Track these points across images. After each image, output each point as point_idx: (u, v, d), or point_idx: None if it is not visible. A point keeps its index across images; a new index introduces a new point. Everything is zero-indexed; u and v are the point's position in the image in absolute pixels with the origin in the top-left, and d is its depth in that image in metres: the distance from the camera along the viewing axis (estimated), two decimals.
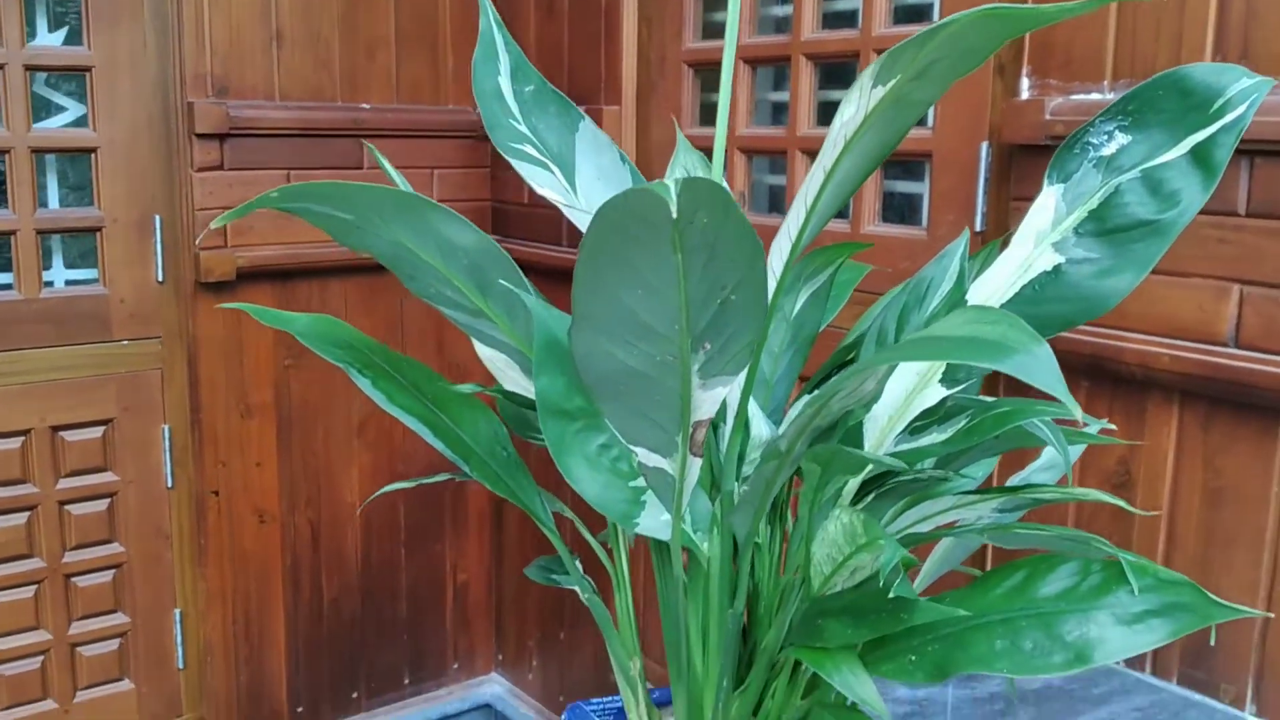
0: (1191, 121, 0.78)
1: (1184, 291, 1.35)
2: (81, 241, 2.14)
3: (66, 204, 2.11)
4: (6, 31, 1.95)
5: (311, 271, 2.28)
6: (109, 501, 2.16)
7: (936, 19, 1.68)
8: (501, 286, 0.72)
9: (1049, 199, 0.75)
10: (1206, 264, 1.34)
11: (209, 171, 2.11)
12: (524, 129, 0.98)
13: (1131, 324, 1.39)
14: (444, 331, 2.49)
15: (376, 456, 2.45)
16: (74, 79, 2.09)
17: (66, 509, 2.12)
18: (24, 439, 2.06)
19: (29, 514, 2.08)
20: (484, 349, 0.80)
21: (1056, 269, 0.67)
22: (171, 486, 2.22)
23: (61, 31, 2.08)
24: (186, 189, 2.11)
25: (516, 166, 1.00)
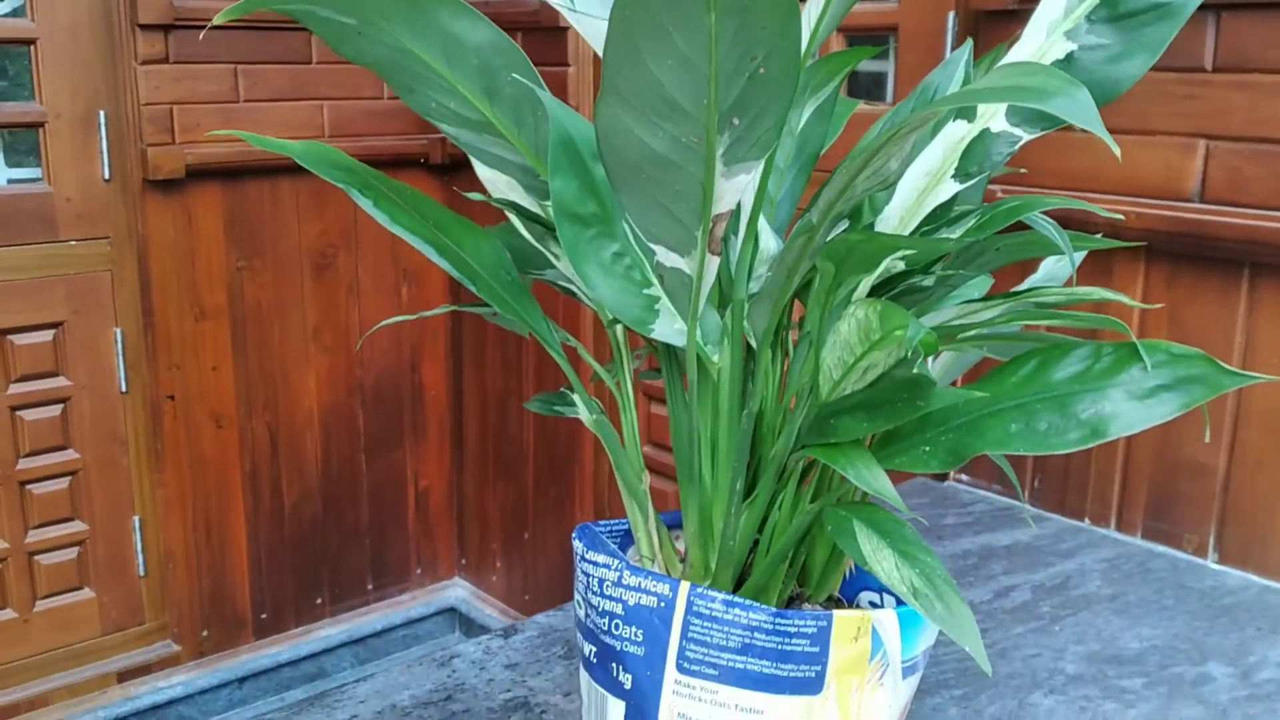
0: None
1: (1151, 150, 1.37)
2: (23, 139, 2.07)
3: (6, 99, 2.04)
4: None
5: (261, 170, 2.23)
6: (62, 407, 2.12)
7: None
8: (510, 92, 0.71)
9: None
10: (1174, 120, 1.36)
11: (154, 65, 2.05)
12: None
13: (1101, 185, 1.42)
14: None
15: (334, 361, 2.43)
16: None
17: (18, 414, 2.07)
18: None
19: None
20: (485, 170, 0.78)
21: (1069, 56, 0.68)
22: (126, 391, 2.18)
23: None
24: (131, 83, 2.04)
25: None
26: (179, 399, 2.22)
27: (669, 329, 0.72)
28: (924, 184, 0.71)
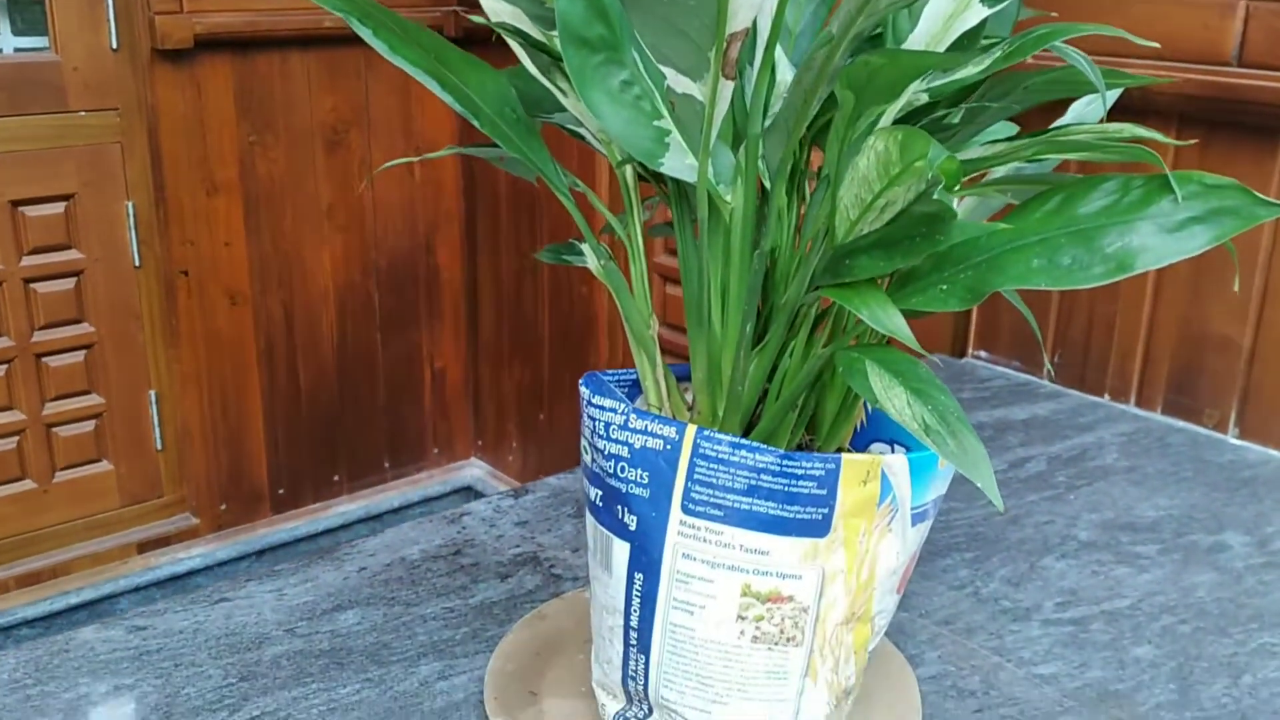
0: None
1: (1189, 10, 1.32)
2: (29, 5, 2.03)
3: None
4: None
5: (271, 42, 2.19)
6: (75, 280, 2.11)
7: None
8: None
9: None
10: None
11: None
12: None
13: (1135, 49, 1.36)
14: (411, 107, 2.41)
15: (348, 240, 2.40)
16: None
17: (32, 286, 2.07)
18: None
19: None
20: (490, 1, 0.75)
21: None
22: (139, 265, 2.17)
23: None
24: None
25: None
26: (192, 275, 2.21)
27: (680, 164, 0.69)
28: (950, 9, 0.67)
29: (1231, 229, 0.60)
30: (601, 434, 0.77)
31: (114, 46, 2.04)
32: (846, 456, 0.71)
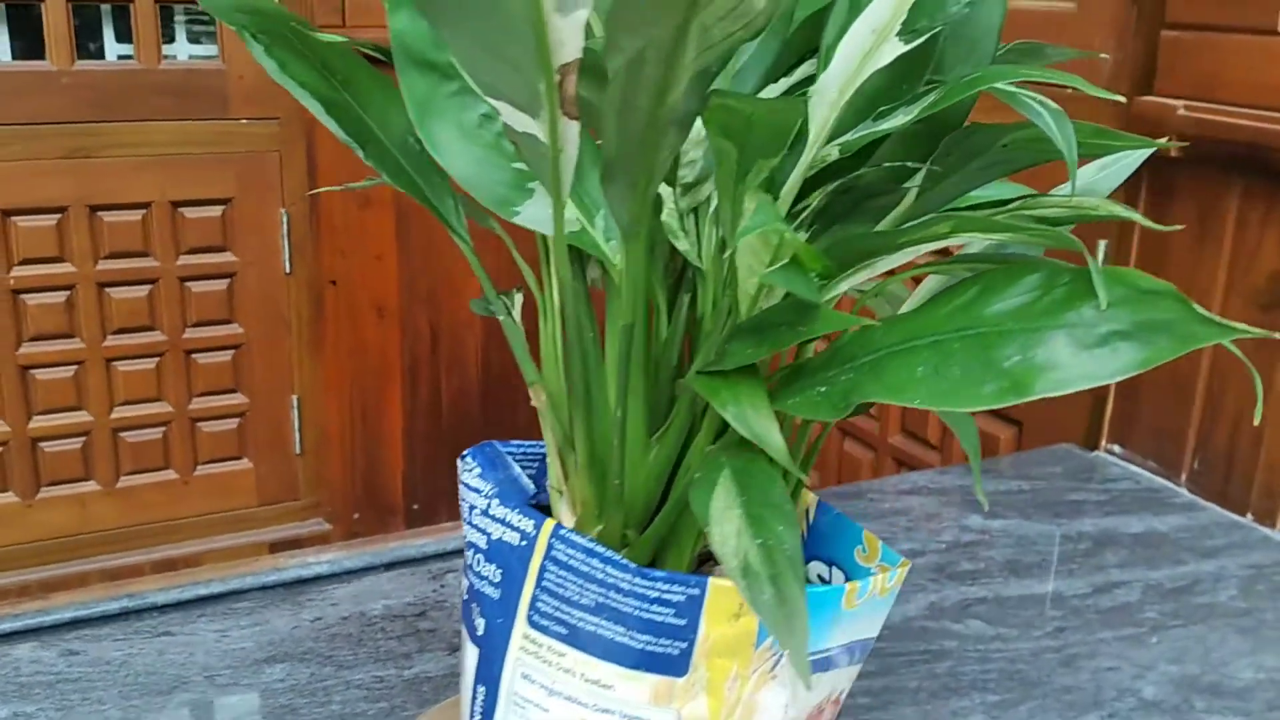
0: None
1: None
2: (204, 18, 2.11)
3: None
4: None
5: None
6: (228, 282, 2.18)
7: None
8: None
9: None
10: None
11: None
12: None
13: (1230, 93, 1.14)
14: None
15: (498, 261, 2.38)
16: None
17: (187, 285, 2.14)
18: (145, 212, 2.08)
19: (150, 287, 2.12)
20: None
21: None
22: (290, 273, 2.22)
23: None
24: None
25: None
26: (341, 285, 2.24)
27: (542, 214, 0.59)
28: (870, 43, 0.54)
29: (1166, 351, 0.44)
30: (467, 517, 0.67)
31: None
32: (714, 581, 0.58)
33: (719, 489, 0.53)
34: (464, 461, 0.69)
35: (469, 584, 0.67)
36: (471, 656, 0.66)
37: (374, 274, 2.26)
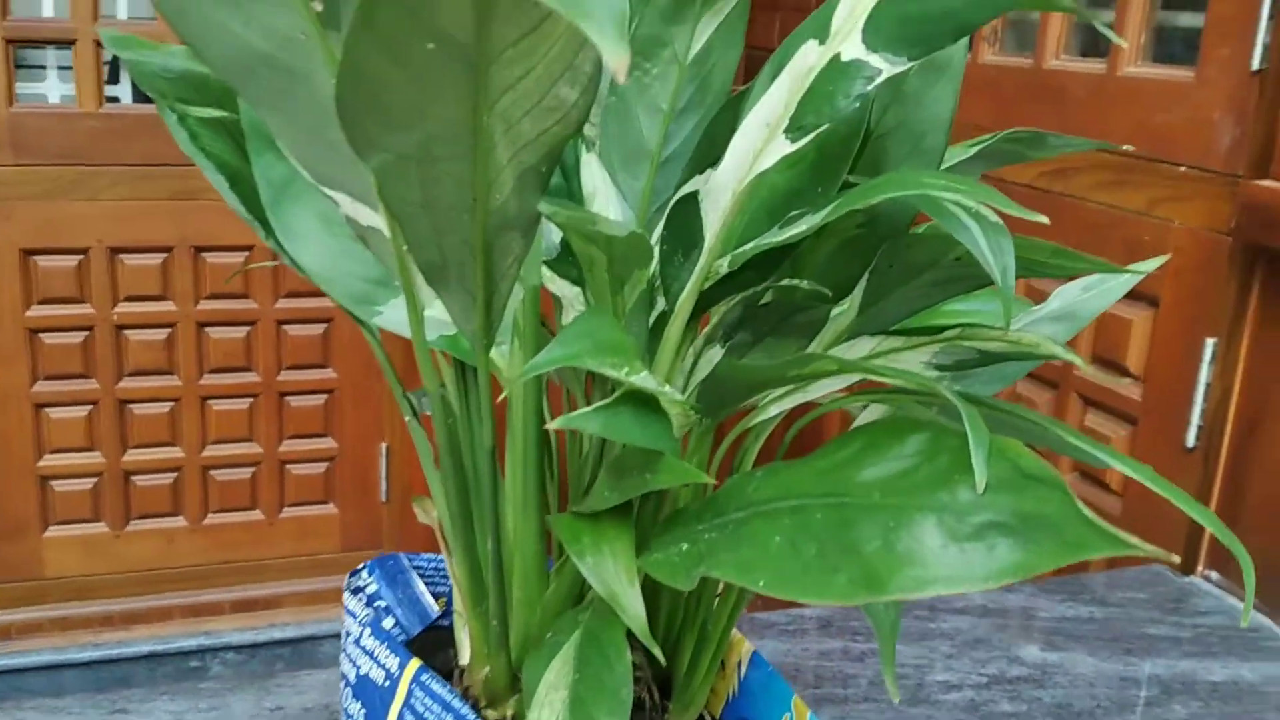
0: None
1: None
2: None
3: None
4: None
5: None
6: (324, 327, 2.18)
7: None
8: None
9: None
10: None
11: None
12: None
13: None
14: None
15: None
16: None
17: (283, 328, 2.16)
18: (246, 254, 2.10)
19: (248, 329, 2.14)
20: None
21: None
22: None
23: None
24: None
25: None
26: None
27: (403, 315, 0.52)
28: (761, 140, 0.45)
29: (1049, 556, 0.34)
30: (342, 643, 0.60)
31: None
32: None
33: (558, 660, 0.45)
34: (354, 577, 0.62)
35: (342, 715, 0.60)
36: None
37: None
